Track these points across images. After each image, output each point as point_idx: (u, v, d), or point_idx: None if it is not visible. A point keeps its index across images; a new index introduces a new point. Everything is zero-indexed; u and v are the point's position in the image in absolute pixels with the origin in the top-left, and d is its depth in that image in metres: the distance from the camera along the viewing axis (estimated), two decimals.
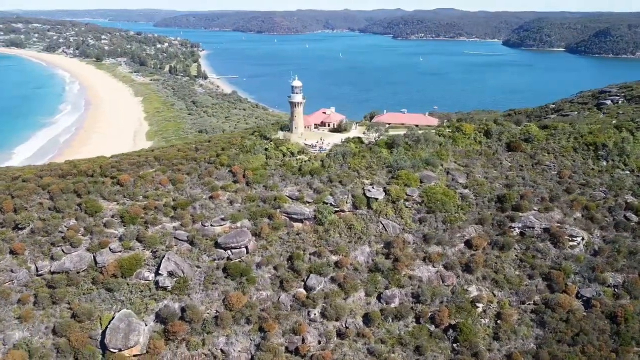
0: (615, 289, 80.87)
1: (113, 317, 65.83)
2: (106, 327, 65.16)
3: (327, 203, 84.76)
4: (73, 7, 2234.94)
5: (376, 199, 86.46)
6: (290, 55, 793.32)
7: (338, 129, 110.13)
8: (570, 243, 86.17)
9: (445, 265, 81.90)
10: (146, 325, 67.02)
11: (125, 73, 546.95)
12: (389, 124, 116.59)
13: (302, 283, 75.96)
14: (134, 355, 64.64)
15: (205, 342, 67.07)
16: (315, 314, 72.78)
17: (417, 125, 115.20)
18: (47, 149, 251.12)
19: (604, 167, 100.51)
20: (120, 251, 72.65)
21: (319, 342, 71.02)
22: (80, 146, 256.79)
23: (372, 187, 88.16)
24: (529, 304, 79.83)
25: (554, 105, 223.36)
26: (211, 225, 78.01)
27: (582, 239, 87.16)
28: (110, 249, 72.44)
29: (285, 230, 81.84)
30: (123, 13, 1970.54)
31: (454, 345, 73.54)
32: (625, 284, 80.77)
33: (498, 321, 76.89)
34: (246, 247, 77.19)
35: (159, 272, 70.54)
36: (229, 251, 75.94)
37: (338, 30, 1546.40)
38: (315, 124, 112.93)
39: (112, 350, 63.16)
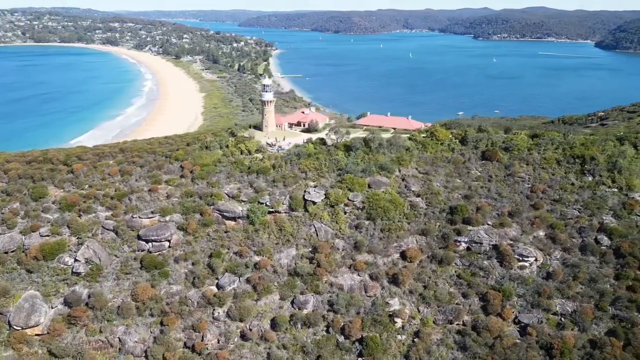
0: (562, 318, 73.03)
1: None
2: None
3: (262, 203, 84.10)
4: (170, 8, 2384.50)
5: (314, 202, 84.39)
6: (358, 56, 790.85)
7: (309, 130, 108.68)
8: (520, 263, 78.92)
9: (371, 275, 78.25)
10: (52, 307, 70.71)
11: (197, 70, 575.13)
12: (368, 125, 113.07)
13: (216, 281, 76.17)
14: (37, 335, 68.46)
15: (103, 329, 69.45)
16: (219, 313, 72.60)
17: (394, 129, 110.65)
18: (114, 133, 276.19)
19: (586, 183, 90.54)
20: (48, 235, 77.04)
21: (219, 342, 70.86)
22: (135, 136, 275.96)
23: (313, 190, 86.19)
24: (457, 324, 74.28)
25: (603, 113, 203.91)
26: (139, 217, 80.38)
27: (535, 259, 79.43)
28: (39, 233, 77.17)
29: (214, 227, 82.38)
30: (213, 14, 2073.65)
31: (359, 359, 70.30)
32: (574, 313, 72.66)
33: (415, 339, 72.35)
34: (168, 241, 78.74)
35: (77, 258, 74.05)
36: (150, 244, 77.92)
37: (417, 30, 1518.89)
38: (290, 123, 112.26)
39: (15, 327, 67.39)
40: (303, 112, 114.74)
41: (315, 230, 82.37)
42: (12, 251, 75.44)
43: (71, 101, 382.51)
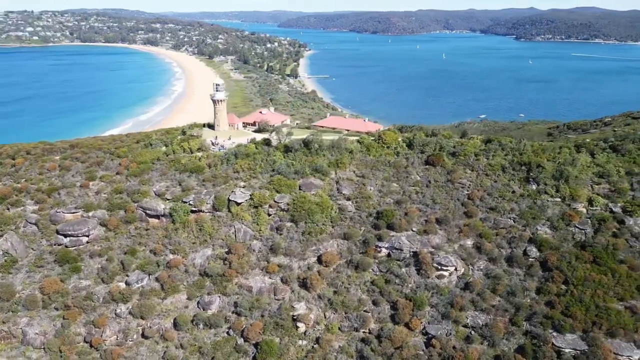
0: (472, 331, 69.70)
1: None
2: None
3: (186, 202, 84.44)
4: (214, 10, 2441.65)
5: (237, 202, 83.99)
6: (390, 57, 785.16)
7: (259, 130, 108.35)
8: (438, 272, 75.92)
9: (283, 278, 77.10)
10: None
11: (226, 70, 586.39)
12: (324, 127, 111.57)
13: (126, 278, 77.00)
14: None
15: (7, 320, 71.48)
16: (121, 310, 73.34)
17: (348, 130, 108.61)
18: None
19: (528, 192, 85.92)
20: None
21: (117, 338, 71.58)
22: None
23: (239, 190, 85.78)
24: (364, 331, 72.16)
25: (610, 119, 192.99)
26: (63, 212, 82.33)
27: (455, 269, 76.21)
28: None
29: (136, 225, 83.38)
30: (254, 14, 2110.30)
31: None
32: (485, 327, 69.21)
33: (315, 345, 70.79)
34: (87, 236, 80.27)
35: None
36: (67, 238, 79.66)
37: (457, 31, 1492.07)
38: (245, 123, 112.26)
39: None
40: (261, 112, 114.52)
41: (235, 231, 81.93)
42: None
43: (104, 99, 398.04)
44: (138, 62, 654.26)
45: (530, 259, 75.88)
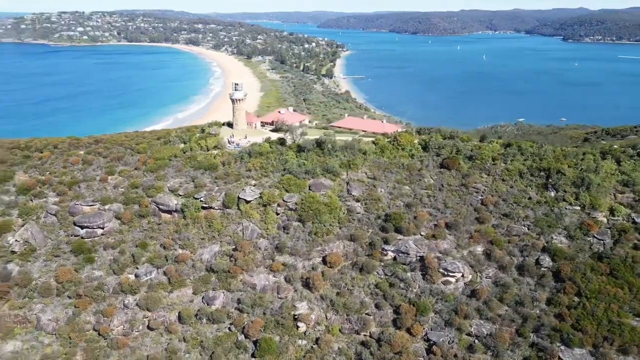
0: (476, 340, 68.03)
1: None
2: None
3: (197, 199, 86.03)
4: (256, 10, 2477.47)
5: (247, 200, 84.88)
6: (428, 58, 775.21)
7: (276, 129, 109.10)
8: (444, 278, 74.40)
9: (286, 277, 77.38)
10: None
11: (263, 70, 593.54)
12: (341, 127, 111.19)
13: (136, 270, 79.13)
14: None
15: (23, 305, 74.88)
16: (129, 301, 75.45)
17: (365, 131, 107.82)
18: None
19: (545, 199, 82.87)
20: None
21: (124, 328, 73.68)
22: None
23: (249, 189, 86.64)
24: (364, 335, 71.59)
25: None
26: (81, 204, 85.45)
27: (462, 275, 74.47)
28: None
29: (149, 219, 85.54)
30: (295, 15, 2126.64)
31: (252, 359, 70.00)
32: (489, 336, 67.43)
33: (314, 345, 70.73)
34: (101, 228, 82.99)
35: (16, 238, 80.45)
36: (83, 230, 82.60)
37: (501, 32, 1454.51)
38: (263, 122, 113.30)
39: None
40: (279, 112, 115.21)
41: (243, 228, 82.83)
42: None
43: (147, 97, 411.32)
44: (179, 62, 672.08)
45: (542, 269, 73.27)
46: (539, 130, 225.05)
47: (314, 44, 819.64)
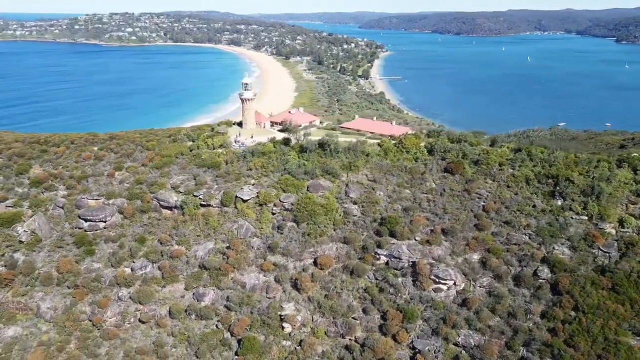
0: (463, 351, 66.00)
1: None
2: None
3: (196, 196, 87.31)
4: (299, 11, 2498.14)
5: (243, 199, 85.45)
6: (469, 59, 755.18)
7: (283, 129, 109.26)
8: (435, 285, 72.46)
9: (276, 278, 77.36)
10: None
11: (300, 70, 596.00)
12: (350, 128, 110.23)
13: (132, 264, 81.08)
14: None
15: (25, 292, 78.14)
16: (123, 294, 77.44)
17: (372, 133, 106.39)
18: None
19: (550, 207, 79.27)
20: (12, 206, 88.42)
21: (116, 320, 75.65)
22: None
23: (247, 188, 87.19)
24: (349, 339, 70.68)
25: None
26: (87, 198, 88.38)
27: (454, 283, 72.29)
28: (5, 204, 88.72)
29: (150, 215, 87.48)
30: (337, 16, 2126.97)
31: (235, 357, 70.39)
32: (476, 347, 65.28)
33: (297, 347, 70.38)
34: (104, 222, 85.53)
35: (24, 228, 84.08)
36: (87, 223, 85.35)
37: (551, 32, 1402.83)
38: (273, 122, 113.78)
39: None
40: (289, 112, 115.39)
41: (237, 227, 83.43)
42: None
43: (190, 96, 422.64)
44: (221, 62, 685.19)
45: (540, 280, 70.17)
46: (574, 135, 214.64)
47: (352, 45, 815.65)
